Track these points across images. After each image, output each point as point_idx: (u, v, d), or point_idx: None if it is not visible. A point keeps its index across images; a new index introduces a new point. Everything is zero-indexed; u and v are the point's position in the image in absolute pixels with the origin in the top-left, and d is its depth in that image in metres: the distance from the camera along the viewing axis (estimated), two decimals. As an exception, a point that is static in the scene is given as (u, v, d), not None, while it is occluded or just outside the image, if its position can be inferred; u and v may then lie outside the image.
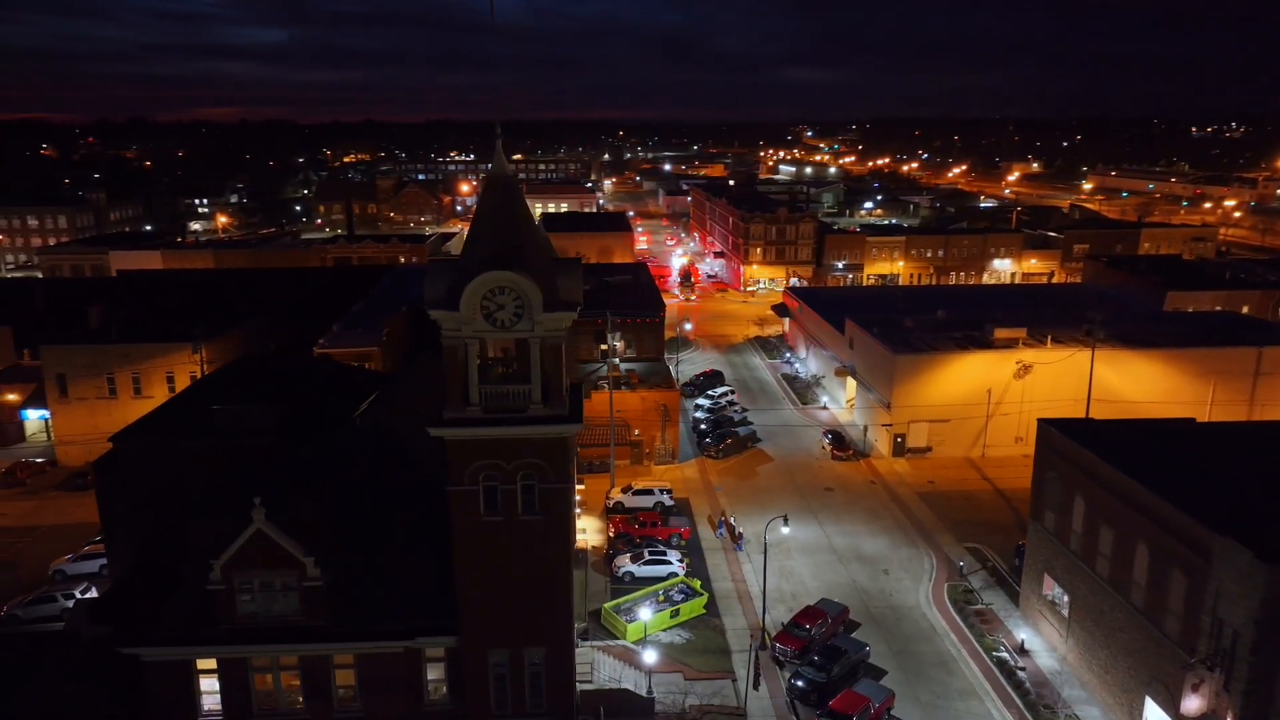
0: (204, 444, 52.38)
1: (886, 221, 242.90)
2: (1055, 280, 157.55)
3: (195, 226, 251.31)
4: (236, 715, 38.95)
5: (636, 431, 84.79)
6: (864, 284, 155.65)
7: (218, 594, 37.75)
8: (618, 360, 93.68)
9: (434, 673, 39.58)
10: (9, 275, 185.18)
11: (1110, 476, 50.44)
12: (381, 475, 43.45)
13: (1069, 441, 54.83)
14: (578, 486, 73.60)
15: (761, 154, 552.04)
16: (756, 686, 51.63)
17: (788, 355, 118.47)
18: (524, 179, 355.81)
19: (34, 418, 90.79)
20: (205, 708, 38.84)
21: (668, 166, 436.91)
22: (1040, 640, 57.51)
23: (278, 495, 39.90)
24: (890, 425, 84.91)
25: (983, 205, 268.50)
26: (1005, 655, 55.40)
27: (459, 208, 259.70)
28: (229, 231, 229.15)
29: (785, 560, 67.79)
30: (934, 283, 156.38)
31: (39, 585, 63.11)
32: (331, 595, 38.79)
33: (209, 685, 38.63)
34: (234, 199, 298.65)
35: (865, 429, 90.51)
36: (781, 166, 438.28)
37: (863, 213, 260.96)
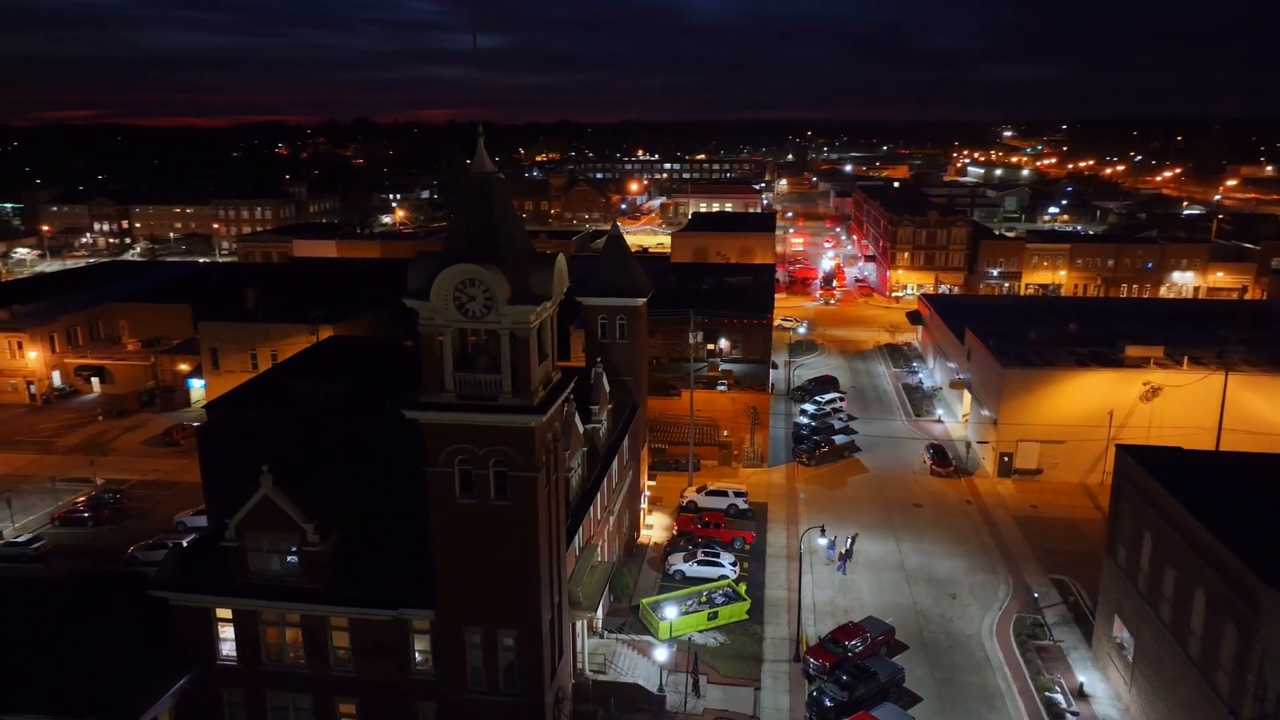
0: (282, 415, 57.53)
1: (1071, 228, 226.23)
2: (1248, 296, 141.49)
3: (385, 220, 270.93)
4: (248, 664, 42.73)
5: (725, 433, 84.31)
6: (1021, 294, 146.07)
7: (231, 550, 41.61)
8: (719, 360, 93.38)
9: (421, 644, 41.73)
10: (223, 259, 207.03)
11: (1174, 512, 45.63)
12: (396, 455, 46.08)
13: (1140, 471, 49.90)
14: (649, 483, 74.59)
15: (955, 155, 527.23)
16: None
17: (914, 365, 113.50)
18: (695, 179, 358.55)
19: (197, 386, 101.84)
20: (223, 653, 42.87)
21: (849, 168, 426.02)
22: (1105, 686, 52.70)
23: (289, 467, 43.41)
24: (986, 442, 79.85)
25: (1185, 213, 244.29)
26: (1058, 697, 51.20)
27: (624, 205, 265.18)
28: (404, 225, 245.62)
29: (848, 574, 65.55)
30: (1101, 295, 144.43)
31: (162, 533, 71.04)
32: (330, 561, 41.80)
33: (226, 634, 42.61)
34: (425, 194, 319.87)
35: (969, 445, 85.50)
36: (970, 168, 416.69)
37: (1046, 218, 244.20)
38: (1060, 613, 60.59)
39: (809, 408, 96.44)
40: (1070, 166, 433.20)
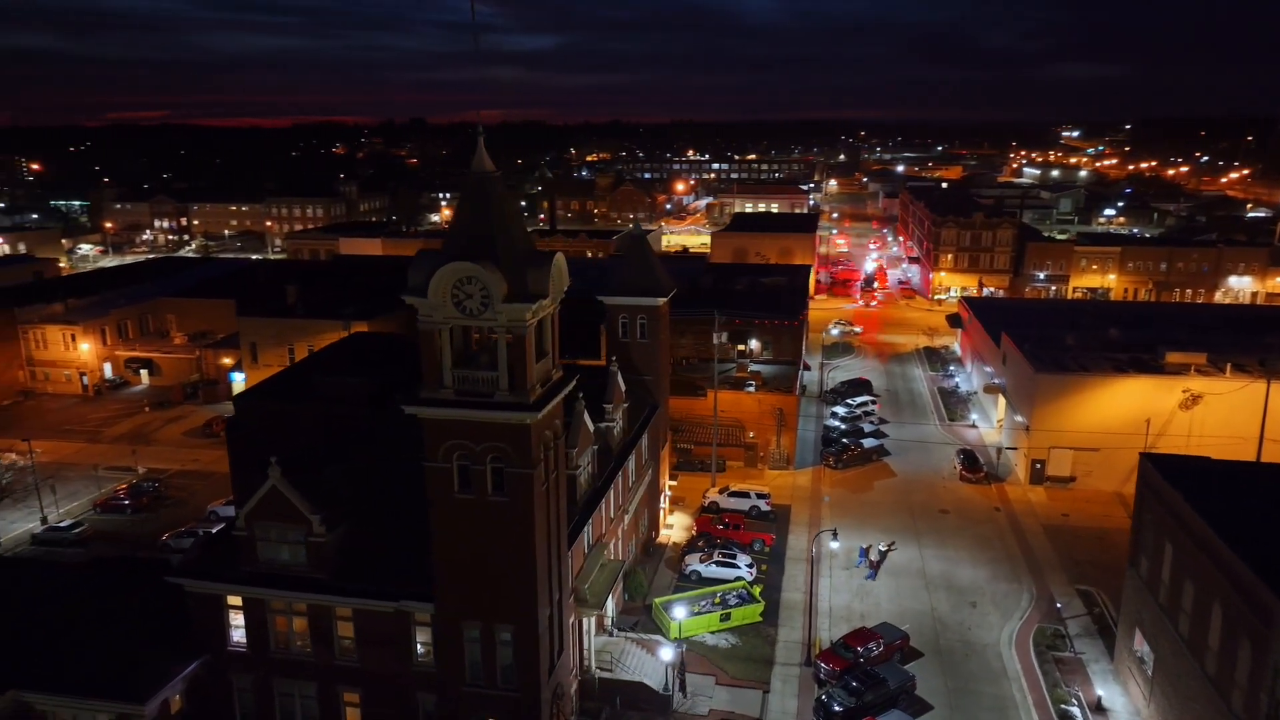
0: (305, 408, 58.59)
1: (1127, 230, 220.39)
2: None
3: (434, 218, 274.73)
4: (258, 651, 43.79)
5: (751, 434, 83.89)
6: (1067, 298, 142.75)
7: (241, 539, 42.69)
8: (748, 361, 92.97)
9: (422, 636, 42.34)
10: (274, 256, 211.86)
11: (1193, 522, 44.29)
12: (408, 450, 46.72)
13: (1163, 480, 48.50)
14: (670, 483, 74.57)
15: (1012, 156, 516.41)
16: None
17: (951, 369, 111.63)
18: (743, 179, 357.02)
19: (238, 379, 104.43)
20: (233, 640, 43.99)
21: (900, 168, 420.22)
22: (1125, 700, 51.36)
23: (308, 460, 44.36)
24: (1015, 448, 78.26)
25: (1249, 215, 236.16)
26: (1074, 710, 50.05)
27: (668, 205, 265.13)
28: (449, 223, 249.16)
29: (867, 579, 64.80)
30: (1152, 300, 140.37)
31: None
32: (337, 552, 42.64)
33: (237, 621, 43.72)
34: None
35: (999, 452, 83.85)
36: (1025, 169, 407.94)
37: (1102, 220, 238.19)
38: (1084, 624, 59.16)
39: (840, 410, 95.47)
40: (1131, 168, 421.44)
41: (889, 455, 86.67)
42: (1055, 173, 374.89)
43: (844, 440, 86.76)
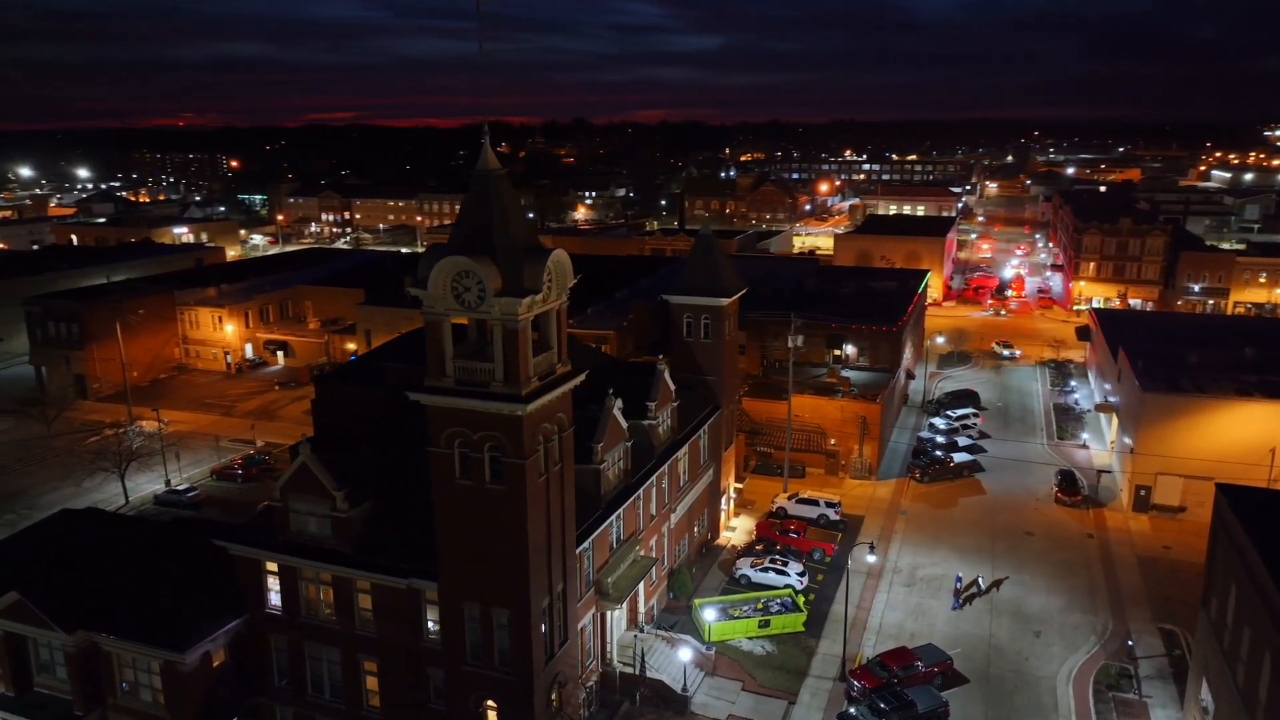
0: (370, 392, 62.11)
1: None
2: None
3: (579, 215, 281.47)
4: (290, 614, 46.94)
5: (833, 441, 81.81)
6: (1227, 312, 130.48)
7: (276, 510, 45.91)
8: (839, 366, 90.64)
9: (433, 614, 44.17)
10: (420, 249, 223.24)
11: (1253, 563, 40.09)
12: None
13: (1232, 515, 44.06)
14: (736, 485, 74.00)
15: (1205, 158, 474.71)
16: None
17: (1072, 384, 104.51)
18: (893, 180, 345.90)
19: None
20: (271, 602, 47.35)
21: (1071, 170, 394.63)
22: (1184, 752, 47.06)
23: (348, 439, 47.17)
24: (1108, 470, 72.61)
25: None
26: (1122, 756, 46.33)
27: (808, 206, 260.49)
28: (584, 221, 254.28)
29: (926, 598, 62.16)
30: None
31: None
32: (361, 528, 45.13)
33: (274, 585, 47.04)
34: (620, 192, 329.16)
35: (1099, 474, 77.95)
36: (1215, 172, 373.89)
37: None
38: (1159, 666, 54.51)
39: (938, 422, 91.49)
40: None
41: (982, 471, 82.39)
42: (1249, 176, 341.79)
43: (934, 453, 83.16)
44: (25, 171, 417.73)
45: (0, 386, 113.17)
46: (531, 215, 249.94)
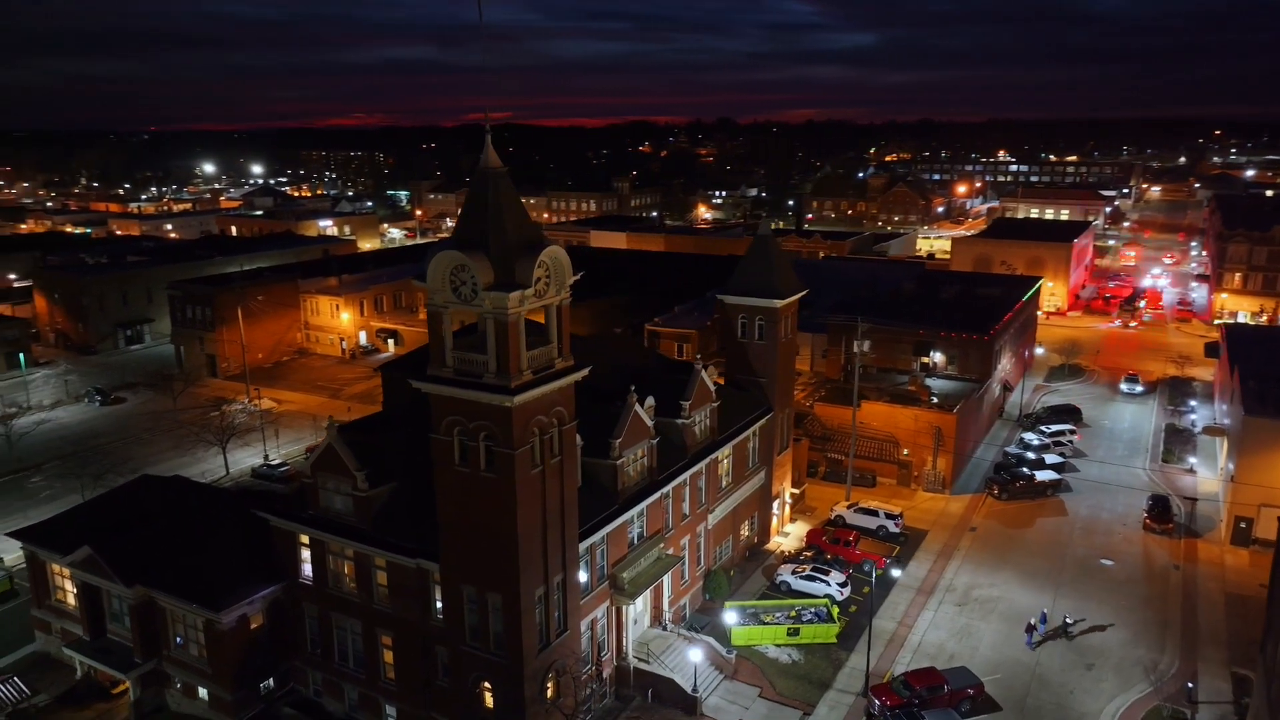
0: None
1: None
2: None
3: (706, 215, 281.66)
4: (320, 585, 49.78)
5: (905, 451, 78.95)
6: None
7: (308, 486, 48.80)
8: (921, 374, 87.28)
9: (440, 594, 45.83)
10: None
11: (1291, 607, 36.37)
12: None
13: (1284, 552, 40.04)
14: (792, 490, 72.79)
15: None
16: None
17: (1191, 404, 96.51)
18: (1042, 182, 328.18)
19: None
20: (304, 573, 50.36)
21: (1251, 173, 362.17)
22: (1228, 808, 43.09)
23: (380, 424, 49.59)
24: (1195, 499, 66.75)
25: None
26: (1154, 806, 42.89)
27: (940, 209, 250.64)
28: (702, 221, 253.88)
29: (976, 619, 59.27)
30: None
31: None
32: (382, 507, 47.37)
33: (305, 556, 50.01)
34: (752, 192, 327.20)
35: (1194, 503, 71.74)
36: None
37: None
38: (1222, 713, 49.99)
39: (1030, 437, 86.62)
40: None
41: (1069, 491, 77.52)
42: None
43: (1021, 468, 78.86)
44: (209, 168, 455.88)
45: (147, 363, 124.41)
46: (655, 213, 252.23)
